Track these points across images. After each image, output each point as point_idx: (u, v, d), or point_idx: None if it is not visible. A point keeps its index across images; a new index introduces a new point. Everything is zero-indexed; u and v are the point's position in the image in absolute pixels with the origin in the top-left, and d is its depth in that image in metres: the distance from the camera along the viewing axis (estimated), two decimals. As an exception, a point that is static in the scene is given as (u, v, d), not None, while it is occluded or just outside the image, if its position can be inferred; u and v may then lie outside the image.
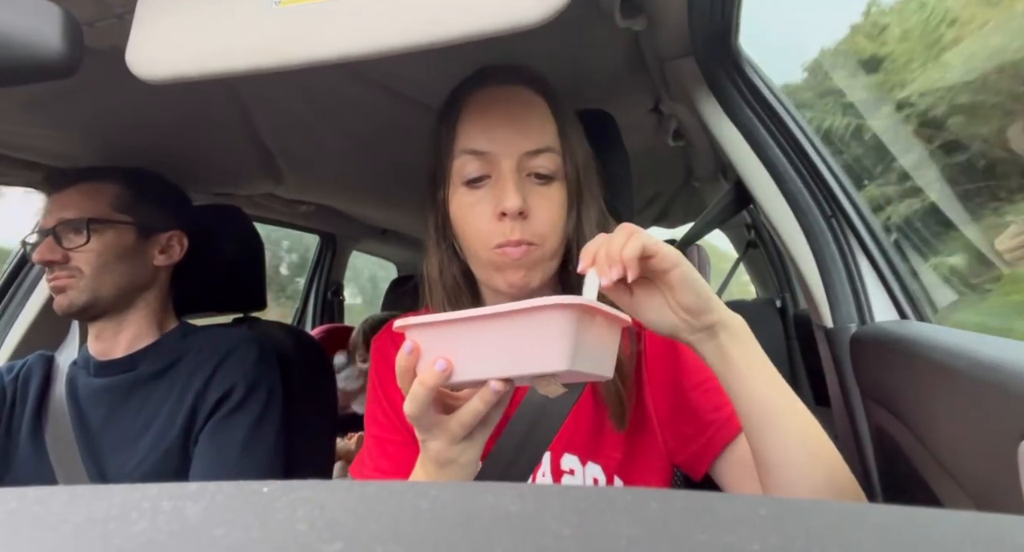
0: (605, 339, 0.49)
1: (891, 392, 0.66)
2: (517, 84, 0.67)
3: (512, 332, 0.45)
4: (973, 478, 0.49)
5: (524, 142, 0.64)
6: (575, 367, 0.44)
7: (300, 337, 1.25)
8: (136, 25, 0.54)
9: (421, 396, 0.47)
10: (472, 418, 0.48)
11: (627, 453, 0.68)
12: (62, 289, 0.91)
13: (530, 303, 0.44)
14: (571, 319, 0.44)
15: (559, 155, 0.66)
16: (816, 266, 0.84)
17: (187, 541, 0.19)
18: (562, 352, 0.43)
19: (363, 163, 1.31)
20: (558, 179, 0.66)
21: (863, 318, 0.79)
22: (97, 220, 0.93)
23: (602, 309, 0.47)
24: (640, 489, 0.21)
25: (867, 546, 0.17)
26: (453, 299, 0.70)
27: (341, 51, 0.50)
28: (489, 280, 0.67)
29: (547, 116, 0.67)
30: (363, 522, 0.19)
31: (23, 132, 0.94)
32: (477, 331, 0.46)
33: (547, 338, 0.44)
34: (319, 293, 2.42)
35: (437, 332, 0.48)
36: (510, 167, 0.64)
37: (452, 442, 0.50)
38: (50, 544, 0.19)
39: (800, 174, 0.86)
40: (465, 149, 0.65)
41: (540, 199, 0.65)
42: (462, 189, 0.66)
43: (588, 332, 0.46)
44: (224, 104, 0.98)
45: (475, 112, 0.66)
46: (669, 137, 1.25)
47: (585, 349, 0.45)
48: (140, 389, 0.94)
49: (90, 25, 0.65)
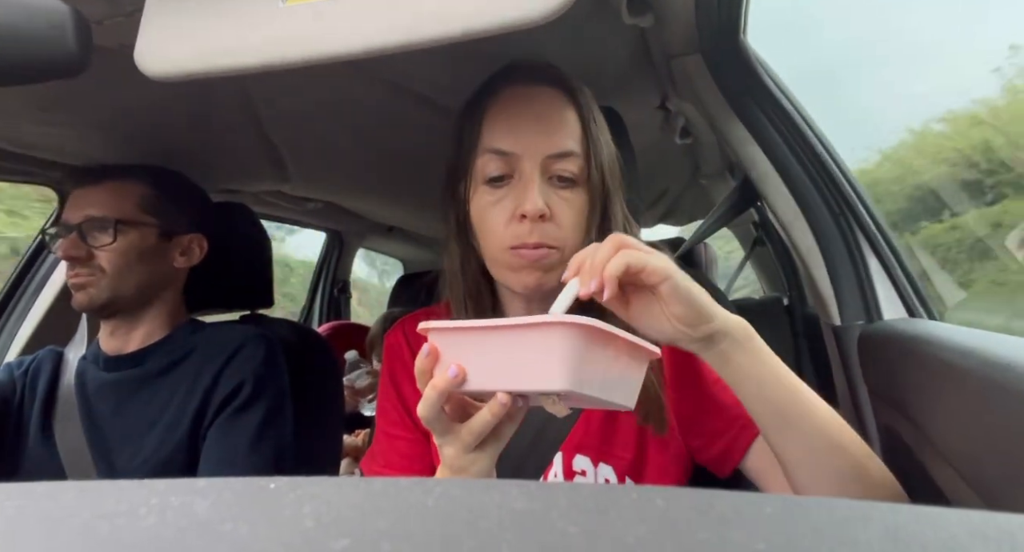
0: (623, 367, 0.48)
1: (899, 391, 0.65)
2: (544, 84, 0.67)
3: (517, 345, 0.45)
4: (982, 477, 0.49)
5: (548, 145, 0.64)
6: (579, 389, 0.43)
7: (307, 334, 1.25)
8: (145, 23, 0.55)
9: (432, 399, 0.47)
10: (482, 428, 0.48)
11: (639, 454, 0.68)
12: (83, 286, 0.92)
13: (538, 318, 0.44)
14: (574, 338, 0.43)
15: (583, 159, 0.65)
16: (824, 263, 0.83)
17: (195, 537, 0.19)
18: (563, 371, 0.43)
19: (370, 160, 1.31)
20: (580, 183, 0.66)
21: (871, 316, 0.79)
22: (124, 221, 0.93)
23: (621, 336, 0.46)
24: (646, 487, 0.21)
25: (874, 545, 0.17)
26: (474, 295, 0.70)
27: (348, 48, 0.50)
28: (504, 280, 0.67)
29: (573, 119, 0.66)
30: (370, 518, 0.20)
31: (35, 130, 0.95)
32: (486, 341, 0.46)
33: (549, 355, 0.43)
34: (325, 290, 2.43)
35: (453, 338, 0.48)
36: (533, 169, 0.63)
37: (464, 451, 0.50)
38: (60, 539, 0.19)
39: (808, 171, 0.85)
40: (489, 148, 0.65)
41: (561, 203, 0.64)
42: (483, 187, 0.66)
43: (598, 355, 0.45)
44: (231, 101, 0.98)
45: (501, 111, 0.66)
46: (676, 134, 1.25)
47: (593, 372, 0.44)
48: (149, 384, 0.95)
49: (99, 23, 0.65)
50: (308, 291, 2.46)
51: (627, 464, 0.68)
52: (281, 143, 1.15)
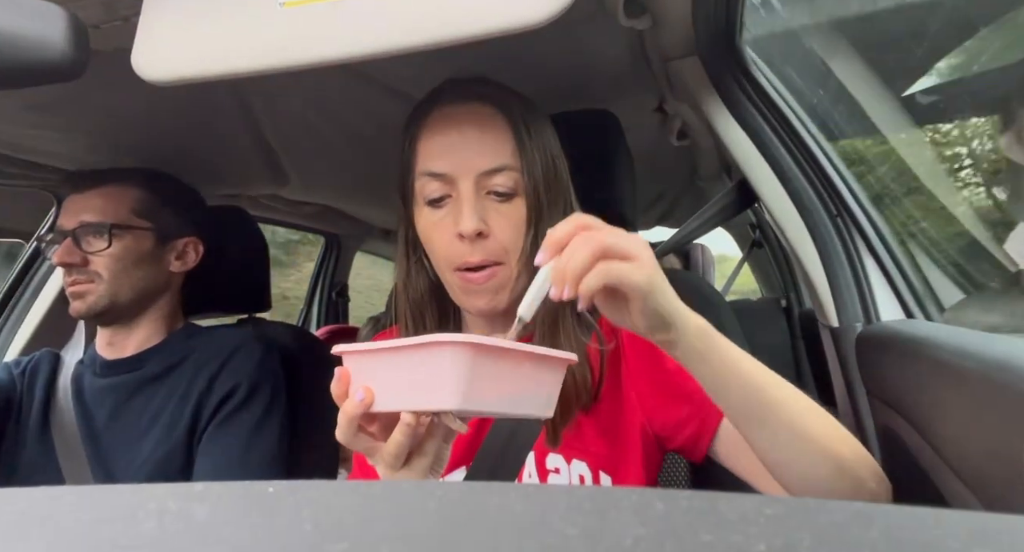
0: (526, 379, 0.48)
1: (897, 392, 0.66)
2: (473, 101, 0.67)
3: (411, 366, 0.45)
4: (980, 478, 0.49)
5: (480, 162, 0.64)
6: (471, 406, 0.44)
7: (305, 337, 1.25)
8: (142, 27, 0.55)
9: (343, 424, 0.49)
10: (396, 449, 0.49)
11: (610, 448, 0.68)
12: (81, 294, 0.92)
13: (425, 339, 0.44)
14: (460, 358, 0.43)
15: (517, 172, 0.66)
16: (821, 265, 0.83)
17: (194, 541, 0.19)
18: (454, 390, 0.43)
19: (368, 164, 1.31)
20: (519, 195, 0.66)
21: (869, 317, 0.79)
22: (119, 225, 0.93)
23: (521, 350, 0.46)
24: (645, 489, 0.21)
25: (873, 546, 0.17)
26: (417, 313, 0.71)
27: (345, 52, 0.50)
28: (459, 302, 0.69)
29: (505, 132, 0.66)
30: (369, 522, 0.20)
31: (31, 134, 0.95)
32: (387, 363, 0.47)
33: (439, 375, 0.44)
34: (324, 294, 2.43)
35: (360, 360, 0.49)
36: (468, 187, 0.64)
37: (390, 468, 0.50)
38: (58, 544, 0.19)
39: (805, 173, 0.86)
40: (424, 171, 0.66)
41: (499, 217, 0.65)
42: (425, 208, 0.67)
43: (489, 371, 0.45)
44: (229, 106, 0.98)
45: (432, 133, 0.67)
46: (673, 137, 1.25)
47: (487, 389, 0.45)
48: (145, 388, 0.95)
49: (96, 27, 0.65)
50: (306, 295, 2.46)
51: (601, 459, 0.68)
52: (279, 147, 1.15)
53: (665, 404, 0.68)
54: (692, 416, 0.66)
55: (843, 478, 0.52)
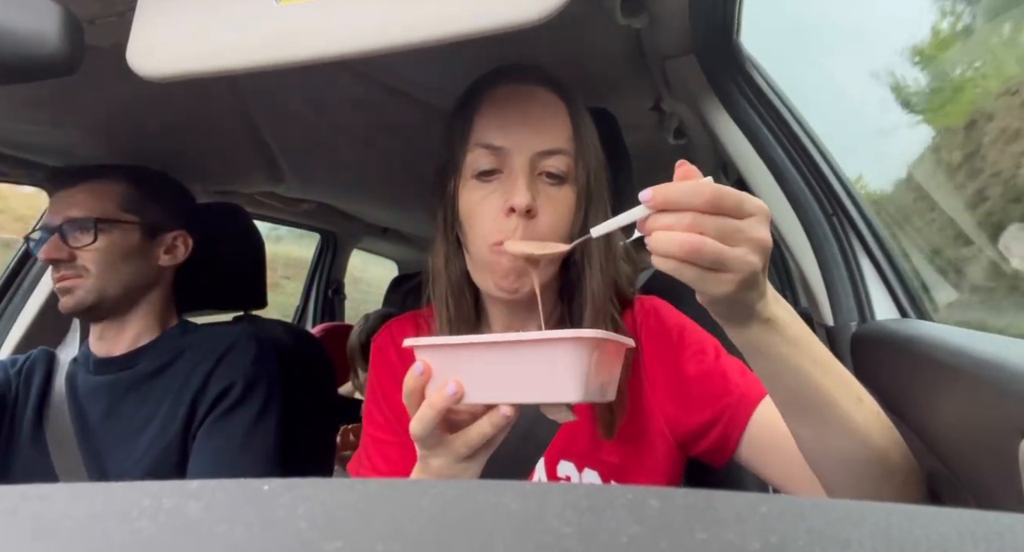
0: (611, 365, 0.49)
1: (892, 390, 0.66)
2: (536, 84, 0.68)
3: (528, 361, 0.46)
4: (973, 476, 0.49)
5: (538, 141, 0.64)
6: (586, 398, 0.45)
7: (300, 335, 1.25)
8: (137, 22, 0.54)
9: (428, 418, 0.48)
10: (479, 440, 0.49)
11: (624, 458, 0.68)
12: (69, 290, 0.91)
13: (548, 334, 0.45)
14: (586, 352, 0.44)
15: (571, 157, 0.66)
16: (817, 264, 0.84)
17: (188, 539, 0.19)
18: (577, 384, 0.44)
19: (364, 161, 1.31)
20: (569, 181, 0.66)
21: (864, 316, 0.79)
22: (104, 220, 0.93)
23: (611, 338, 0.47)
24: (640, 487, 0.21)
25: (867, 544, 0.17)
26: (456, 294, 0.70)
27: (341, 49, 0.50)
28: (484, 284, 0.67)
29: (563, 118, 0.67)
30: (364, 520, 0.20)
31: (24, 130, 0.94)
32: (492, 357, 0.47)
33: (561, 369, 0.45)
34: (319, 291, 2.42)
35: (450, 354, 0.49)
36: (522, 164, 0.64)
37: (456, 461, 0.50)
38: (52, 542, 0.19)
39: (801, 172, 0.86)
40: (479, 142, 0.66)
41: (549, 200, 0.65)
42: (472, 182, 0.66)
43: (598, 361, 0.46)
44: (225, 102, 0.98)
45: (492, 108, 0.67)
46: (670, 135, 1.25)
47: (594, 378, 0.46)
48: (139, 386, 0.95)
49: (91, 22, 0.65)
50: (302, 292, 2.45)
51: (613, 468, 0.68)
52: (275, 144, 1.15)
53: (687, 411, 0.67)
54: (716, 421, 0.65)
55: (880, 467, 0.52)
